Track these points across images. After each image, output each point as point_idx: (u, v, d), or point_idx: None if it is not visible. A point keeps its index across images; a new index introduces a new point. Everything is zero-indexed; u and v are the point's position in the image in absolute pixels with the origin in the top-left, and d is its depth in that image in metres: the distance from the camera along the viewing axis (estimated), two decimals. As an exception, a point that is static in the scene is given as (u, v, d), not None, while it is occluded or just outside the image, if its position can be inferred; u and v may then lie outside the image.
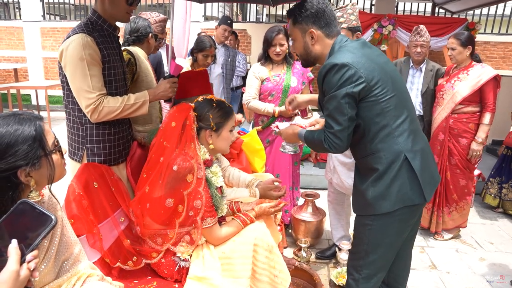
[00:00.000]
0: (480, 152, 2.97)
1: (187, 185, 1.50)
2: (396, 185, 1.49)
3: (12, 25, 9.27)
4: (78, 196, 1.54)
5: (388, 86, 1.49)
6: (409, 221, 1.60)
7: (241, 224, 1.62)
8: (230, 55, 4.10)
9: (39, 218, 0.85)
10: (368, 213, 1.57)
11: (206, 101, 1.67)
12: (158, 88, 1.88)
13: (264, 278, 1.56)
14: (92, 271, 1.28)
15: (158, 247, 1.59)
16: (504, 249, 3.09)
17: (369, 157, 1.53)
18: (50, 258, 1.11)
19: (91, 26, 1.73)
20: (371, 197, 1.53)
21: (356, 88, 1.43)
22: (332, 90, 1.46)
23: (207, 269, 1.51)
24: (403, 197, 1.50)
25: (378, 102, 1.47)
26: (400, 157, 1.49)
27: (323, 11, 1.55)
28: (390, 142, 1.50)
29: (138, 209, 1.62)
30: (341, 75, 1.44)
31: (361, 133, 1.53)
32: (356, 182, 1.63)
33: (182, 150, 1.54)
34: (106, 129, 1.81)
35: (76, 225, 1.49)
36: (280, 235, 1.98)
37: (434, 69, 3.26)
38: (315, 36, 1.57)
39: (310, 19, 1.56)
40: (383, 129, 1.49)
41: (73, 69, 1.65)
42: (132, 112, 1.77)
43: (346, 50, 1.50)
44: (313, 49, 1.60)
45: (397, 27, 5.23)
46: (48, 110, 6.58)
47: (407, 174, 1.50)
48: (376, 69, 1.47)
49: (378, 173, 1.51)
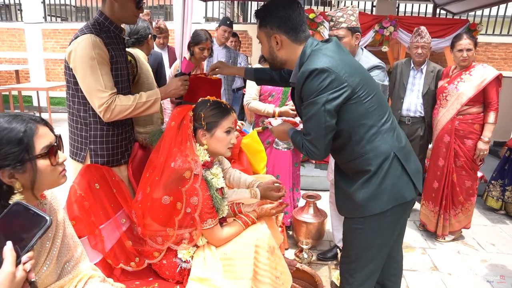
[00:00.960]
0: (487, 152, 2.97)
1: (185, 182, 1.51)
2: (388, 183, 1.48)
3: (13, 27, 9.29)
4: (79, 197, 1.55)
5: (368, 86, 1.46)
6: (400, 219, 1.59)
7: (242, 225, 1.62)
8: (231, 56, 4.11)
9: (34, 219, 0.85)
10: (358, 216, 1.54)
11: (203, 101, 1.67)
12: (170, 86, 1.87)
13: (266, 279, 1.56)
14: (93, 272, 1.28)
15: (159, 246, 1.59)
16: (506, 250, 3.08)
17: (357, 160, 1.50)
18: (52, 260, 1.11)
19: (99, 27, 1.74)
20: (362, 199, 1.50)
21: (339, 95, 1.39)
22: (312, 96, 1.40)
23: (208, 270, 1.51)
24: (395, 195, 1.49)
25: (361, 103, 1.43)
26: (390, 156, 1.48)
27: (289, 16, 1.48)
28: (379, 142, 1.47)
29: (139, 209, 1.62)
30: (321, 81, 1.38)
31: (346, 137, 1.49)
32: (342, 185, 1.60)
33: (179, 148, 1.55)
34: (110, 130, 1.82)
35: (78, 226, 1.49)
36: (281, 236, 1.98)
37: (435, 70, 3.25)
38: (279, 41, 1.51)
39: (275, 23, 1.49)
40: (370, 129, 1.47)
41: (84, 69, 1.64)
42: (144, 110, 1.76)
43: (321, 54, 1.44)
44: (278, 54, 1.55)
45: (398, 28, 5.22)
46: (50, 111, 6.59)
47: (397, 171, 1.49)
48: (355, 71, 1.45)
49: (369, 175, 1.48)
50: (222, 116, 1.63)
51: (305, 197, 2.96)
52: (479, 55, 7.98)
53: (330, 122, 1.42)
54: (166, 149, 1.58)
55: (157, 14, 9.80)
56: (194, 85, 2.00)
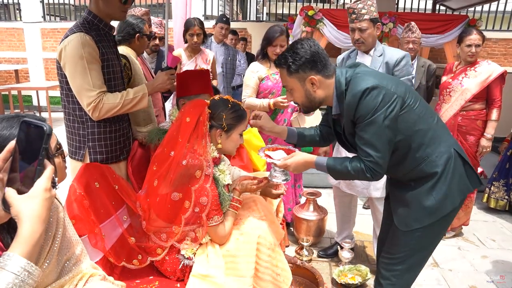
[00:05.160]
0: (489, 148, 2.97)
1: (196, 181, 1.51)
2: (456, 180, 1.50)
3: (12, 26, 9.28)
4: (79, 196, 1.54)
5: (413, 93, 1.50)
6: (453, 218, 1.61)
7: (234, 211, 1.65)
8: (230, 54, 4.10)
9: (36, 132, 0.83)
10: (431, 220, 1.51)
11: (222, 100, 1.66)
12: (156, 81, 1.89)
13: (267, 276, 1.57)
14: (94, 270, 1.28)
15: (163, 243, 1.59)
16: (506, 246, 3.08)
17: (421, 165, 1.49)
18: (52, 258, 1.11)
19: (88, 25, 1.73)
20: (434, 203, 1.49)
21: (393, 107, 1.40)
22: (369, 115, 1.40)
23: (211, 267, 1.51)
24: (463, 188, 1.52)
25: (412, 110, 1.46)
26: (451, 152, 1.50)
27: (318, 54, 1.46)
28: (437, 143, 1.49)
29: (146, 203, 1.62)
30: (374, 97, 1.39)
31: (405, 146, 1.48)
32: (405, 197, 1.55)
33: (192, 146, 1.55)
34: (107, 127, 1.83)
35: (78, 225, 1.49)
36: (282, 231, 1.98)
37: (426, 65, 3.28)
38: (316, 82, 1.48)
39: (307, 66, 1.46)
40: (427, 133, 1.48)
41: (73, 68, 1.65)
42: (132, 106, 1.78)
43: (361, 76, 1.46)
44: (316, 95, 1.51)
45: (397, 25, 5.21)
46: (49, 111, 6.59)
47: (460, 166, 1.51)
48: (396, 82, 1.48)
49: (437, 177, 1.48)
50: (241, 119, 1.66)
51: (305, 195, 2.97)
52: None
53: (392, 137, 1.43)
54: (178, 144, 1.56)
55: (156, 12, 9.77)
56: (184, 80, 2.00)
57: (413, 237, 1.55)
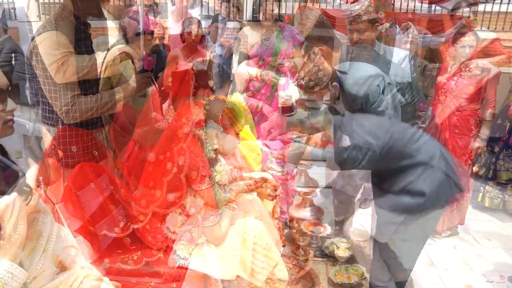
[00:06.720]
0: (484, 149, 2.98)
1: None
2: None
3: (8, 25, 9.21)
4: (74, 196, 1.54)
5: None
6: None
7: (230, 212, 1.65)
8: (226, 54, 4.10)
9: None
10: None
11: (218, 101, 1.67)
12: (132, 84, 1.88)
13: (263, 277, 1.57)
14: (89, 271, 1.27)
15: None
16: (501, 245, 3.10)
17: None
18: (46, 259, 1.10)
19: (63, 22, 1.64)
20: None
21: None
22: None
23: (207, 266, 1.51)
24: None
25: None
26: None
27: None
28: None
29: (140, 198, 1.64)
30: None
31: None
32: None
33: (189, 147, 1.56)
34: None
35: (73, 225, 1.48)
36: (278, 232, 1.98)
37: (422, 65, 3.30)
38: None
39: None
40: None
41: (46, 70, 1.59)
42: (107, 110, 1.76)
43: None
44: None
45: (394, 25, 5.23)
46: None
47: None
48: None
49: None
50: (237, 120, 1.68)
51: (301, 194, 2.96)
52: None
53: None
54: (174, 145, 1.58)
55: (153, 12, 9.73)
56: (180, 80, 1.99)
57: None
